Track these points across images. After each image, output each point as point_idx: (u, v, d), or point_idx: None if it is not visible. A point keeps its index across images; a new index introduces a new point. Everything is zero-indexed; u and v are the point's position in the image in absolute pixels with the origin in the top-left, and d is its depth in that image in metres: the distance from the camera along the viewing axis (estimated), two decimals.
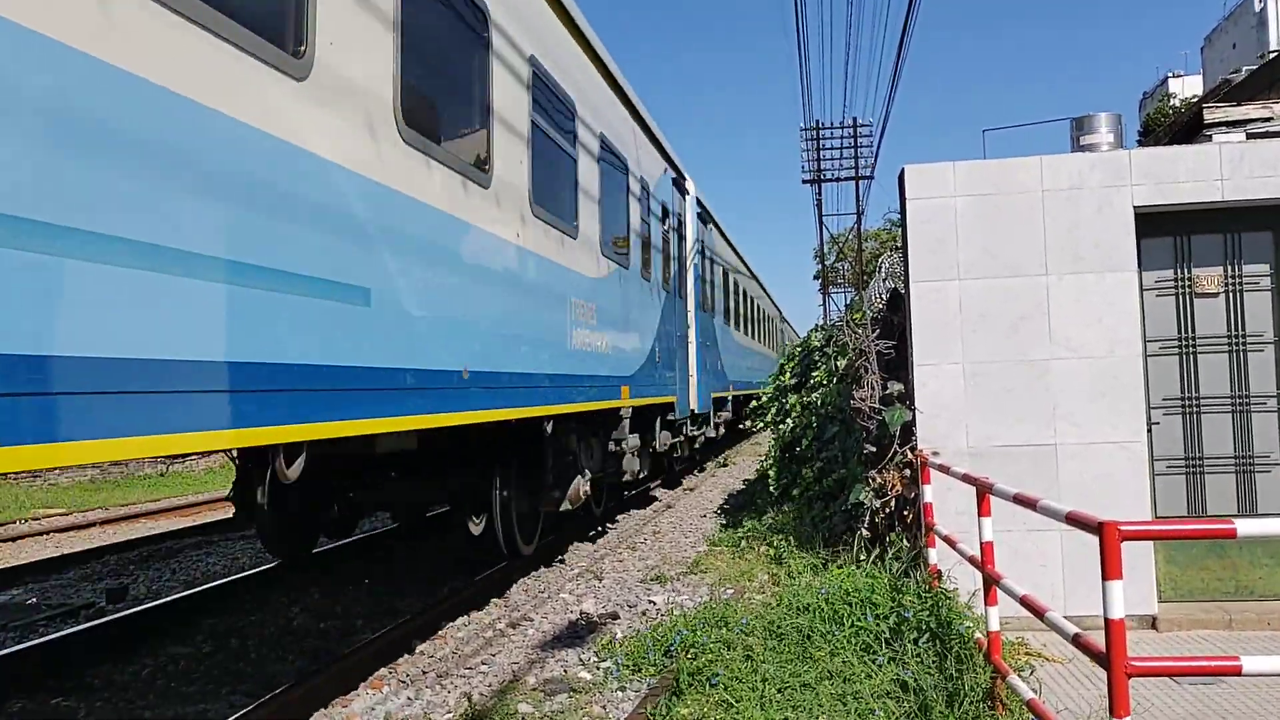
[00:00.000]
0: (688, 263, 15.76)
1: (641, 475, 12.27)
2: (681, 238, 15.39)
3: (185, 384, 3.65)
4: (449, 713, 5.87)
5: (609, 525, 13.35)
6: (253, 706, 5.72)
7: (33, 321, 3.02)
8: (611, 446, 11.36)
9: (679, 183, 15.40)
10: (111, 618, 8.07)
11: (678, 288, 14.67)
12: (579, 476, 9.93)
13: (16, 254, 2.96)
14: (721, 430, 20.06)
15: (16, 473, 20.03)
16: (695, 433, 16.43)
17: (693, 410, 15.42)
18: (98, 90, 3.30)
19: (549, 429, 8.84)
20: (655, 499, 16.36)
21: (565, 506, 9.81)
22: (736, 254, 24.15)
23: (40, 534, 14.56)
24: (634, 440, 11.54)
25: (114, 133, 3.38)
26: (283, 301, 4.29)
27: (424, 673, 6.74)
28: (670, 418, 13.75)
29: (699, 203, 17.12)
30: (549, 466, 9.47)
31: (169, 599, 8.70)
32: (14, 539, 14.11)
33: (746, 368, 24.45)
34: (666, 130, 16.67)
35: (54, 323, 3.09)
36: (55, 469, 20.89)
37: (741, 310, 24.50)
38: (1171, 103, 53.49)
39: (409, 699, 6.18)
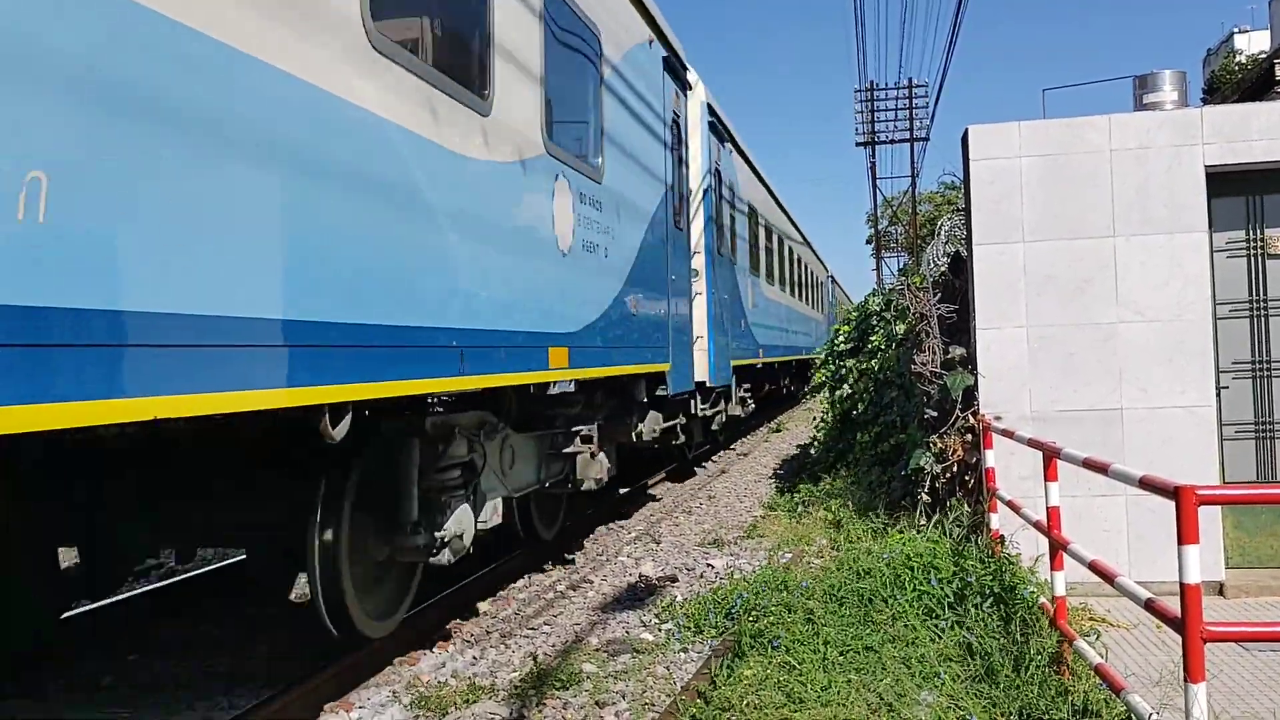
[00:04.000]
0: (693, 190, 12.32)
1: (604, 479, 8.66)
2: (680, 159, 11.39)
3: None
4: (514, 671, 5.97)
5: (656, 493, 13.41)
6: (324, 663, 5.86)
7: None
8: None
9: (675, 70, 10.94)
10: (181, 577, 8.28)
11: (670, 218, 10.46)
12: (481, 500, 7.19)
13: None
14: (750, 405, 17.43)
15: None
16: (709, 411, 13.08)
17: (703, 383, 12.17)
18: None
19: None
20: (709, 464, 16.38)
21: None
22: (772, 195, 21.79)
23: None
24: (591, 429, 8.48)
25: None
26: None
27: (488, 632, 6.86)
28: (662, 392, 9.99)
29: (712, 111, 13.39)
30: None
31: (236, 559, 8.91)
32: None
33: (785, 330, 22.24)
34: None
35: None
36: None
37: (779, 263, 22.04)
38: (1237, 59, 52.00)
39: (474, 658, 6.30)
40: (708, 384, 12.37)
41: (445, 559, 5.98)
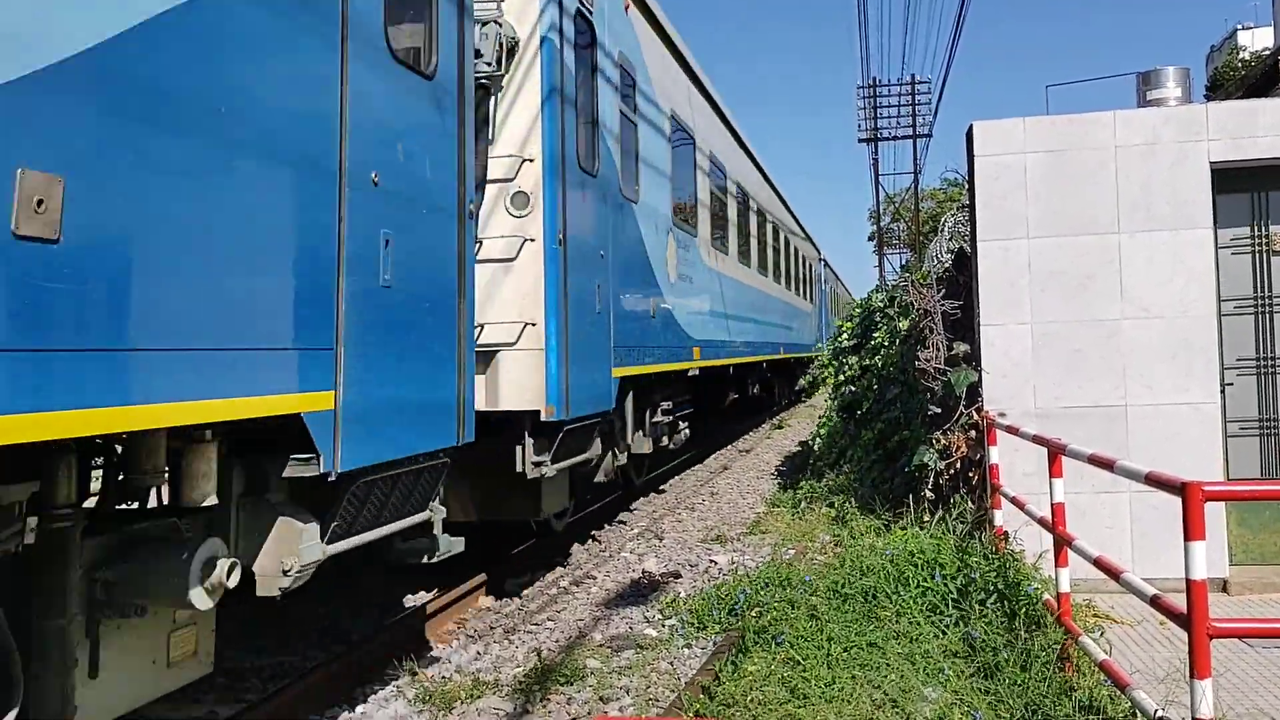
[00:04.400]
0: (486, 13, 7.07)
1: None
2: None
3: None
4: (518, 666, 5.98)
5: (662, 487, 13.40)
6: (329, 658, 5.87)
7: None
8: None
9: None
10: None
11: (369, 25, 4.59)
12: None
13: None
14: (681, 432, 11.80)
15: None
16: (553, 466, 7.39)
17: (535, 413, 7.15)
18: None
19: None
20: (712, 459, 16.36)
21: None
22: (730, 128, 16.08)
23: None
24: None
25: None
26: None
27: (491, 628, 6.86)
28: (298, 470, 4.17)
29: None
30: None
31: None
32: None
33: (749, 321, 16.70)
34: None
35: None
36: None
37: (739, 227, 16.25)
38: (1241, 56, 51.89)
39: (478, 653, 6.30)
40: (545, 416, 7.02)
41: None
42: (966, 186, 7.95)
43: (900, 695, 4.86)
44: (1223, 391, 7.19)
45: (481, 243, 6.69)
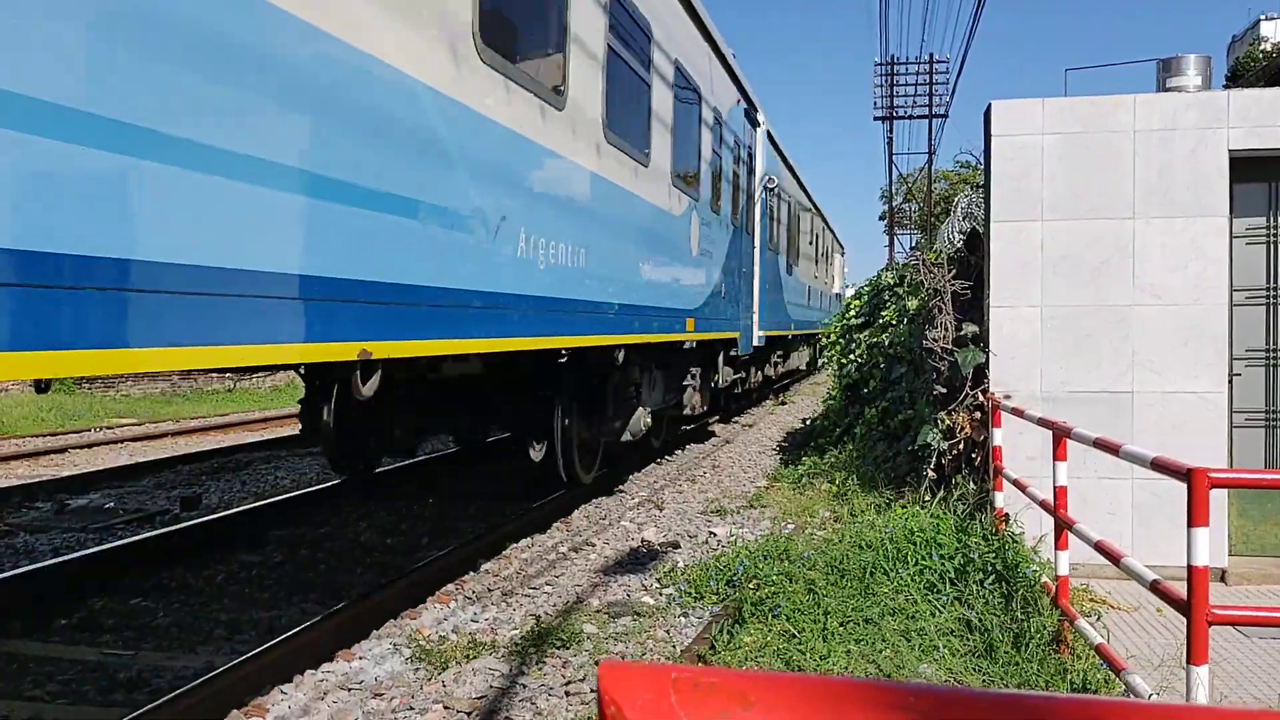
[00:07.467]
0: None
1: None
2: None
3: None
4: (515, 629, 6.00)
5: (667, 458, 13.42)
6: (326, 614, 5.89)
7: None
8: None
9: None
10: (186, 524, 8.32)
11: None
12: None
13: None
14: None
15: (90, 381, 20.66)
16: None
17: (755, 347, 15.40)
18: None
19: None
20: (713, 434, 16.41)
21: (626, 437, 10.01)
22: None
23: (114, 442, 15.03)
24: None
25: None
26: None
27: (489, 590, 6.88)
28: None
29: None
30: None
31: (241, 509, 8.94)
32: (89, 445, 14.59)
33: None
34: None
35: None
36: (126, 378, 21.51)
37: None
38: (1263, 46, 51.37)
39: (475, 614, 6.32)
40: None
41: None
42: (983, 166, 7.89)
43: (895, 671, 4.87)
44: (1230, 382, 7.16)
45: None
